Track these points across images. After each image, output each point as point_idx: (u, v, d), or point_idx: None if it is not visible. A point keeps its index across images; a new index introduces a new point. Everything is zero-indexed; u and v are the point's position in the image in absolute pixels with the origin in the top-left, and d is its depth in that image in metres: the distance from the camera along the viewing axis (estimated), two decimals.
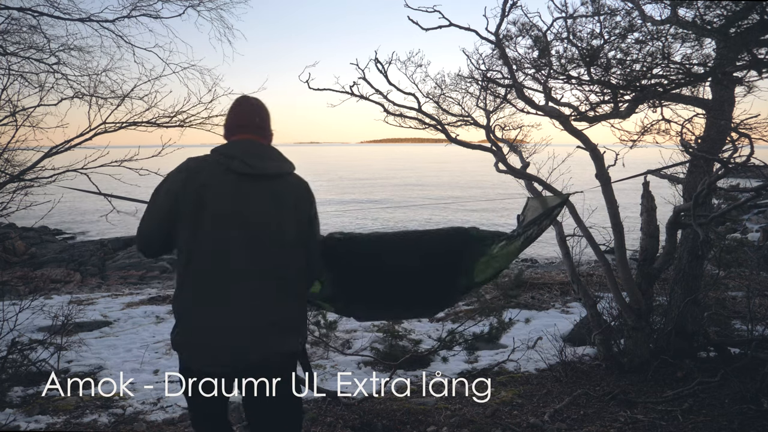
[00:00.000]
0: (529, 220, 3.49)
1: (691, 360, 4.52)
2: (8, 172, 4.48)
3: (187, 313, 1.90)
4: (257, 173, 1.94)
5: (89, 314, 7.31)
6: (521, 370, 5.06)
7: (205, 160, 1.94)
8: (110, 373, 4.95)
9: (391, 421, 3.85)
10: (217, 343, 1.87)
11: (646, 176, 4.44)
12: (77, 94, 5.13)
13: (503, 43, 4.48)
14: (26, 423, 3.80)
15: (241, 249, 1.87)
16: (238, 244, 1.87)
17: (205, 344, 1.88)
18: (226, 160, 1.93)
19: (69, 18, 5.30)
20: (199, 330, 1.88)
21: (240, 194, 1.90)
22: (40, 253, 16.33)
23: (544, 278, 9.65)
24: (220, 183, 1.89)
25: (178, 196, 1.87)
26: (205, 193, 1.86)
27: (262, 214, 1.92)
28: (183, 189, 1.87)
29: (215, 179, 1.89)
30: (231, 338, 1.87)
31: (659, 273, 4.62)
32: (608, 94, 4.24)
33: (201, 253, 1.86)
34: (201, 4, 5.73)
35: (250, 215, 1.90)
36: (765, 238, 13.90)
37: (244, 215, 1.89)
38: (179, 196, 1.87)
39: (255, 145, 2.03)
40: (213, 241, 1.86)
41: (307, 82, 4.99)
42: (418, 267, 3.34)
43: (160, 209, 1.91)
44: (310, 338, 5.82)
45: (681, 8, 3.93)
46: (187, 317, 1.90)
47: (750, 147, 3.64)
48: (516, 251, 3.49)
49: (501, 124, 6.21)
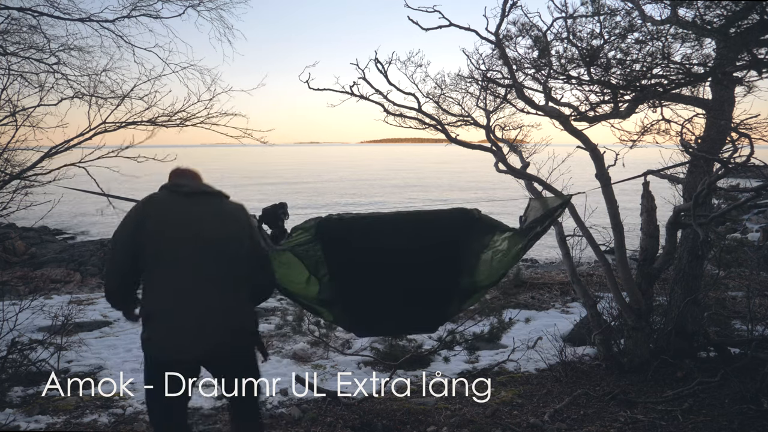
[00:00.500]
0: (531, 221, 3.48)
1: (691, 360, 4.52)
2: (8, 172, 4.48)
3: (153, 314, 2.27)
4: (191, 191, 2.37)
5: (89, 314, 7.31)
6: (521, 370, 5.06)
7: (151, 197, 2.38)
8: (110, 373, 4.95)
9: (391, 421, 3.85)
10: (178, 337, 2.24)
11: (646, 176, 4.44)
12: (77, 94, 5.13)
13: (503, 43, 4.48)
14: (26, 423, 3.81)
15: (192, 258, 2.27)
16: (188, 254, 2.26)
17: (170, 338, 2.24)
18: (167, 189, 2.40)
19: (69, 18, 5.30)
20: (164, 328, 2.25)
21: (187, 213, 2.32)
22: (40, 253, 16.32)
23: (544, 278, 9.65)
24: (166, 207, 2.33)
25: (135, 230, 2.27)
26: (155, 219, 2.28)
27: (209, 230, 2.31)
28: (138, 223, 2.28)
29: (161, 205, 2.33)
30: (190, 331, 2.23)
31: (659, 273, 4.62)
32: (608, 94, 4.24)
33: (159, 264, 2.26)
34: (201, 4, 5.73)
35: (199, 231, 2.29)
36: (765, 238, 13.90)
37: (192, 230, 2.29)
38: (136, 231, 2.27)
39: (186, 177, 2.49)
40: (167, 252, 2.26)
41: (307, 82, 4.99)
42: (419, 258, 3.24)
43: (124, 245, 2.30)
44: (311, 338, 5.82)
45: (681, 8, 3.93)
46: (153, 318, 2.27)
47: (750, 147, 3.64)
48: (520, 253, 3.45)
49: (501, 124, 6.21)
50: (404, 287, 3.31)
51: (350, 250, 3.19)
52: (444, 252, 3.25)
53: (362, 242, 3.18)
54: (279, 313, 7.38)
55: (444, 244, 3.23)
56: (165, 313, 2.24)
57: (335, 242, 3.17)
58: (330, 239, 3.16)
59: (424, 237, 3.23)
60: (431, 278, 3.30)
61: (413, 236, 3.22)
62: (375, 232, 3.21)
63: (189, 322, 2.23)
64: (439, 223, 3.25)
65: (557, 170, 5.40)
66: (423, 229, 3.24)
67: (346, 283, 3.27)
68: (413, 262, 3.24)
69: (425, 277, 3.30)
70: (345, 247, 3.18)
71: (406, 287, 3.31)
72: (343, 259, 3.21)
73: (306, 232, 3.19)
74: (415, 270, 3.27)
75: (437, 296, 3.39)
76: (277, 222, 3.29)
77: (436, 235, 3.23)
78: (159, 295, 2.26)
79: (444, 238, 3.23)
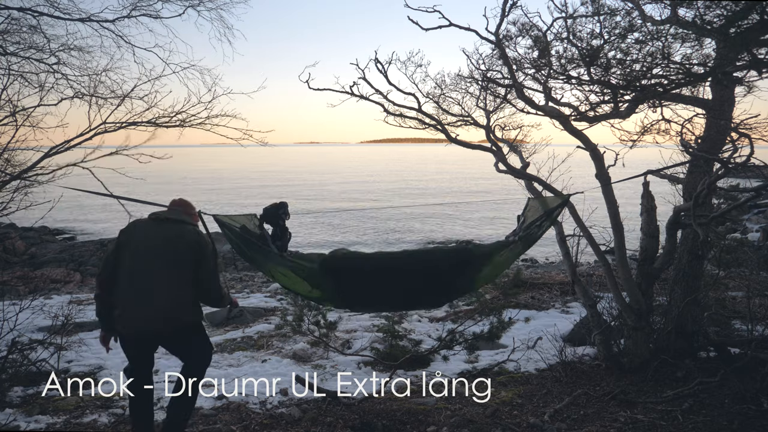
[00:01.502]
0: (530, 221, 3.49)
1: (691, 360, 4.52)
2: (8, 172, 4.48)
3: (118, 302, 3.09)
4: (162, 218, 3.22)
5: (89, 314, 7.31)
6: (521, 370, 5.06)
7: (134, 222, 3.31)
8: (110, 373, 4.95)
9: (391, 421, 3.85)
10: (130, 319, 3.06)
11: (646, 176, 4.44)
12: (77, 94, 5.13)
13: (503, 43, 4.48)
14: (26, 423, 3.81)
15: (146, 264, 3.07)
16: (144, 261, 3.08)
17: (125, 319, 3.06)
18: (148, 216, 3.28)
19: (69, 18, 5.30)
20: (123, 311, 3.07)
21: (152, 233, 3.17)
22: (40, 253, 16.32)
23: (544, 278, 9.65)
24: (139, 228, 3.21)
25: (117, 241, 3.19)
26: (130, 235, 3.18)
27: (162, 246, 3.11)
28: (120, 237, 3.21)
29: (137, 227, 3.23)
30: (137, 315, 3.06)
31: (659, 273, 4.62)
32: (608, 94, 4.24)
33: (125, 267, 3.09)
34: (201, 4, 5.73)
35: (155, 246, 3.11)
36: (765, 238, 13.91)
37: (151, 245, 3.12)
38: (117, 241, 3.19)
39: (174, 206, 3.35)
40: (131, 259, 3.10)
41: (307, 82, 4.99)
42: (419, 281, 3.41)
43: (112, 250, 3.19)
44: (310, 338, 5.82)
45: (681, 8, 3.93)
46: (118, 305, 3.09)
47: (750, 147, 3.64)
48: (516, 255, 3.50)
49: (501, 124, 6.22)
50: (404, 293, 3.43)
51: (354, 278, 3.33)
52: (444, 276, 3.41)
53: (366, 275, 3.36)
54: (279, 313, 7.38)
55: (445, 279, 3.42)
56: (125, 302, 3.07)
57: (340, 277, 3.29)
58: (335, 274, 3.29)
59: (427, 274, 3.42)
60: (430, 286, 3.42)
61: (416, 272, 3.47)
62: (379, 269, 3.39)
63: (137, 309, 3.04)
64: (440, 260, 3.42)
65: (557, 170, 5.40)
66: (426, 266, 3.42)
67: (349, 296, 3.39)
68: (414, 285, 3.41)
69: (424, 285, 3.42)
70: (349, 276, 3.31)
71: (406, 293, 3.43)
72: (347, 283, 3.34)
73: (310, 264, 3.29)
74: (415, 288, 3.41)
75: (435, 293, 3.50)
76: (278, 221, 3.32)
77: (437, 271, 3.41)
78: (122, 289, 3.08)
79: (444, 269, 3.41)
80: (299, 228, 21.79)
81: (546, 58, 4.37)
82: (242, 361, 5.43)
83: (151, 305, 3.04)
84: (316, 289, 3.37)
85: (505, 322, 5.62)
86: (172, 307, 3.08)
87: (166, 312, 3.06)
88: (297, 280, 3.32)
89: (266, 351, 5.89)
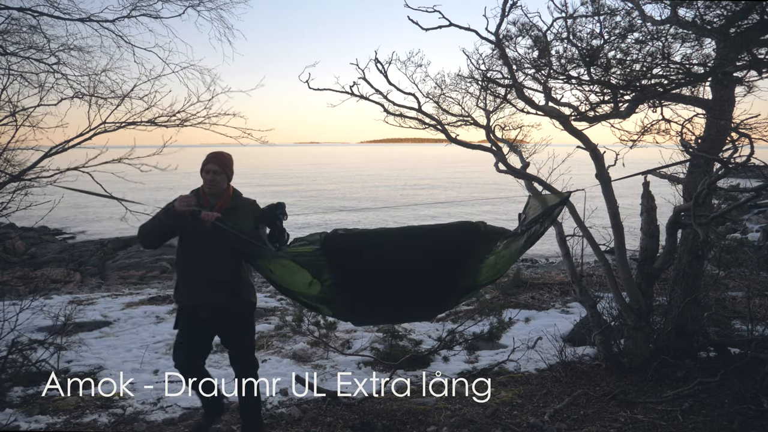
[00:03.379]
0: (530, 219, 3.48)
1: (691, 360, 4.52)
2: (8, 172, 4.48)
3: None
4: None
5: (89, 314, 7.30)
6: (521, 370, 5.06)
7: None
8: (110, 373, 4.95)
9: (391, 421, 3.85)
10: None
11: (646, 176, 4.44)
12: (77, 94, 5.13)
13: (503, 43, 4.48)
14: (26, 423, 3.81)
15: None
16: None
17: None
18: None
19: (69, 18, 5.30)
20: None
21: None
22: (40, 253, 16.32)
23: (544, 278, 9.64)
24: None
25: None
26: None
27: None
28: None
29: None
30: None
31: (659, 273, 4.62)
32: (608, 94, 4.24)
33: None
34: (201, 4, 5.73)
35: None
36: (765, 238, 13.91)
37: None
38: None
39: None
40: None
41: (307, 82, 4.99)
42: (422, 264, 3.27)
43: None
44: (310, 338, 5.82)
45: (681, 8, 3.93)
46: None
47: (750, 147, 3.64)
48: (519, 251, 3.46)
49: (501, 124, 6.21)
50: (405, 287, 3.33)
51: (355, 261, 3.21)
52: (448, 261, 3.28)
53: (367, 255, 3.20)
54: (279, 313, 7.38)
55: (449, 255, 3.26)
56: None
57: (340, 256, 3.18)
58: (335, 253, 3.17)
59: (429, 250, 3.25)
60: (433, 281, 3.33)
61: (419, 249, 3.24)
62: (380, 247, 3.23)
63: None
64: (445, 237, 3.26)
65: (557, 170, 5.39)
66: (429, 243, 3.26)
67: (350, 286, 3.29)
68: (416, 268, 3.27)
69: (427, 280, 3.33)
70: (350, 259, 3.20)
71: (407, 287, 3.33)
72: (348, 269, 3.23)
73: (310, 245, 3.19)
74: (418, 274, 3.30)
75: (437, 294, 3.43)
76: (275, 222, 3.29)
77: (441, 248, 3.25)
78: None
79: (449, 250, 3.25)
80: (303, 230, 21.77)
81: (546, 58, 4.37)
82: None
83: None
84: (316, 281, 3.26)
85: (505, 322, 5.62)
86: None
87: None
88: (296, 269, 3.23)
89: (266, 351, 5.89)
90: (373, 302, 3.41)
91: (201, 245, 3.24)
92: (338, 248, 3.15)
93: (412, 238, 3.27)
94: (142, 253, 15.23)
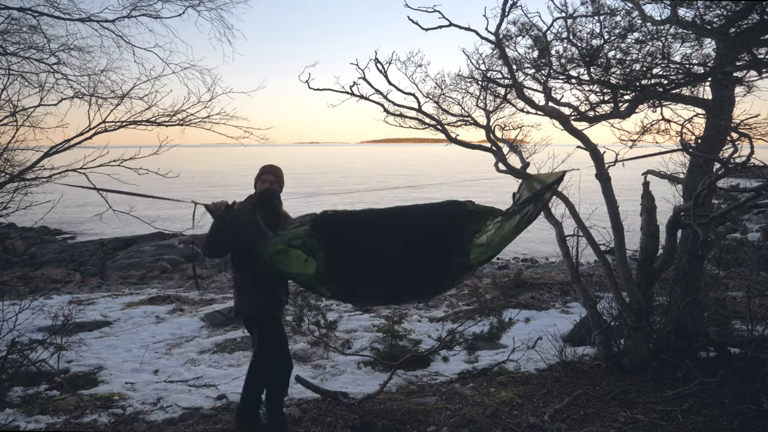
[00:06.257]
0: (524, 199, 3.49)
1: (691, 360, 4.51)
2: (8, 172, 4.48)
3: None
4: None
5: (89, 314, 7.30)
6: (521, 370, 5.05)
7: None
8: (110, 373, 4.95)
9: (391, 421, 3.85)
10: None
11: (646, 176, 4.45)
12: (77, 94, 5.13)
13: (503, 43, 4.48)
14: (26, 423, 3.81)
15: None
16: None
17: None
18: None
19: (69, 18, 5.31)
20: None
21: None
22: (40, 253, 16.31)
23: (544, 278, 9.64)
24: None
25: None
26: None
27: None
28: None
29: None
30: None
31: (659, 273, 4.61)
32: (608, 94, 4.25)
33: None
34: (201, 4, 5.74)
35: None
36: (765, 238, 13.91)
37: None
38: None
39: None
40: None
41: (307, 82, 4.99)
42: (411, 239, 3.36)
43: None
44: (310, 338, 5.82)
45: (681, 8, 3.93)
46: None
47: (750, 147, 3.64)
48: (513, 231, 3.46)
49: (501, 124, 6.20)
50: (396, 262, 3.44)
51: (345, 240, 3.36)
52: (435, 236, 3.40)
53: (356, 234, 3.35)
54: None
55: (437, 233, 3.35)
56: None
57: (330, 235, 3.31)
58: (325, 232, 3.29)
59: (416, 229, 3.37)
60: (422, 257, 3.42)
61: (406, 228, 3.39)
62: (368, 226, 3.37)
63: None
64: (432, 216, 3.38)
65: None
66: (416, 222, 3.38)
67: (343, 265, 3.39)
68: (405, 242, 3.40)
69: (416, 255, 3.42)
70: (340, 239, 3.34)
71: (398, 262, 3.44)
72: (340, 248, 3.36)
73: (302, 226, 3.30)
74: (408, 253, 3.41)
75: (430, 272, 3.50)
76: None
77: (428, 227, 3.36)
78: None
79: (437, 228, 3.35)
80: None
81: (546, 58, 4.37)
82: (242, 361, 5.43)
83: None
84: (311, 259, 3.33)
85: (505, 322, 5.62)
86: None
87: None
88: (292, 253, 3.32)
89: None
90: (367, 280, 3.49)
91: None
92: (326, 225, 3.29)
93: (398, 215, 3.39)
94: (142, 253, 15.23)
